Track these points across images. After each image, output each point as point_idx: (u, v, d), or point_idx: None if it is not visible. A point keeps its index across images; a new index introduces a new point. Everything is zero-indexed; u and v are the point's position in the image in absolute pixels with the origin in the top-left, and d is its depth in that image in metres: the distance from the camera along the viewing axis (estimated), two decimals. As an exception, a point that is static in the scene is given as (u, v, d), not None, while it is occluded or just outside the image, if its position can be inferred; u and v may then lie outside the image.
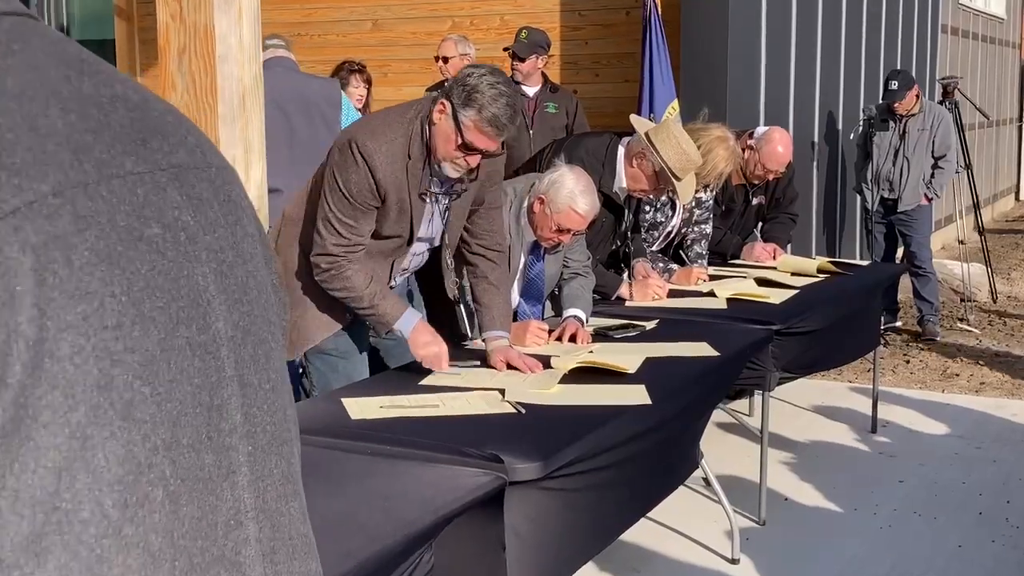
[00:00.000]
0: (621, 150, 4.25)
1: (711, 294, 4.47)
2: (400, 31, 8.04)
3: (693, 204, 4.88)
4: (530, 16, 7.44)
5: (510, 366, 3.19)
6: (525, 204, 3.73)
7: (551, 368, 3.20)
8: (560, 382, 3.07)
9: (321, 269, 3.12)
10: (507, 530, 2.41)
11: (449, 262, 3.34)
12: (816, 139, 8.31)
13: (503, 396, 2.90)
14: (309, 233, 3.19)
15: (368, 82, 6.14)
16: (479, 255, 3.41)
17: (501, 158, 3.38)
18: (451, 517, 2.19)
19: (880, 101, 7.67)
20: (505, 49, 6.13)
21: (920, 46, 10.58)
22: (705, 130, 4.67)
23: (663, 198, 4.68)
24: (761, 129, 5.40)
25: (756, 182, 5.38)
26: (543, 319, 3.98)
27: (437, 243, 3.34)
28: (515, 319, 3.86)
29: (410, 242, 3.23)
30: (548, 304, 4.39)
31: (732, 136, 4.75)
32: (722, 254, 5.39)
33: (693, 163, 4.12)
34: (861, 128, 7.78)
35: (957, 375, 6.54)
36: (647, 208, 4.74)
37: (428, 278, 3.57)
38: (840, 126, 8.67)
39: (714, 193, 5.08)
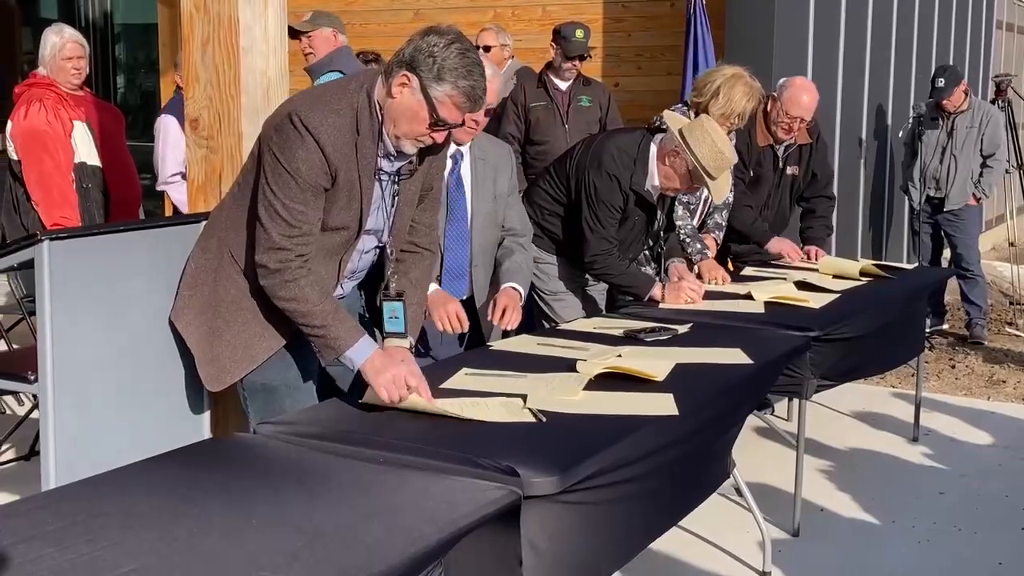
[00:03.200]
0: (653, 148, 4.14)
1: (748, 297, 4.34)
2: (441, 21, 7.90)
3: None
4: (572, 8, 7.34)
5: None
6: None
7: (576, 372, 3.11)
8: (585, 388, 2.97)
9: (269, 270, 2.78)
10: (524, 544, 2.32)
11: (390, 252, 3.03)
12: (864, 136, 8.14)
13: (524, 402, 2.81)
14: (239, 238, 2.92)
15: None
16: (408, 251, 3.13)
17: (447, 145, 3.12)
18: (462, 534, 2.11)
19: (928, 99, 7.49)
20: (581, 57, 5.98)
21: (974, 41, 10.34)
22: (718, 70, 4.61)
23: None
24: (784, 78, 5.21)
25: (783, 137, 5.13)
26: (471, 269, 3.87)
27: (386, 237, 3.04)
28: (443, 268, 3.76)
29: (358, 235, 2.94)
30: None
31: (748, 74, 4.59)
32: (749, 241, 5.21)
33: (728, 161, 4.01)
34: (910, 126, 7.61)
35: (1004, 382, 6.37)
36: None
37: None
38: (889, 123, 8.49)
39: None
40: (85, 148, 5.25)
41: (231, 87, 3.17)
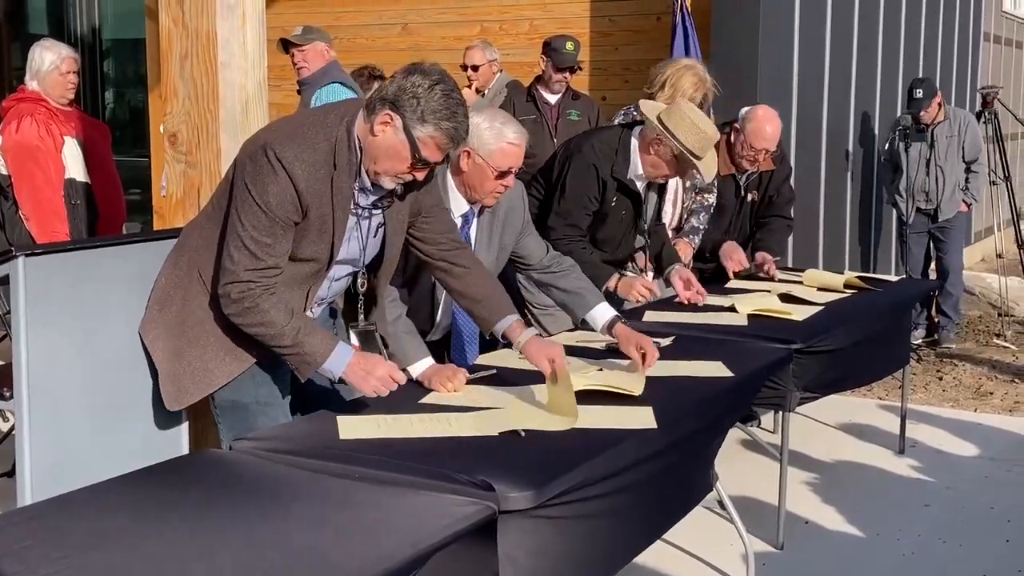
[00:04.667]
0: (635, 141, 4.17)
1: (732, 309, 4.35)
2: (429, 35, 7.97)
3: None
4: (559, 22, 7.35)
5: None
6: (447, 173, 3.43)
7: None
8: (565, 402, 2.96)
9: (231, 300, 2.75)
10: (503, 559, 2.32)
11: (362, 284, 3.01)
12: (851, 149, 8.15)
13: (505, 418, 2.80)
14: (209, 259, 2.88)
15: None
16: (443, 259, 3.12)
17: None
18: (435, 549, 2.10)
19: (905, 111, 7.53)
20: (571, 69, 6.01)
21: (961, 53, 10.37)
22: (671, 62, 4.71)
23: None
24: (746, 108, 5.09)
25: (747, 168, 5.02)
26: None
27: (361, 264, 3.01)
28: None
29: (329, 266, 2.91)
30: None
31: (702, 66, 4.68)
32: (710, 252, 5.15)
33: (711, 139, 4.02)
34: (889, 144, 7.67)
35: (991, 393, 6.37)
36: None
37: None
38: (876, 135, 8.50)
39: None
40: (75, 164, 5.24)
41: (209, 102, 3.17)
